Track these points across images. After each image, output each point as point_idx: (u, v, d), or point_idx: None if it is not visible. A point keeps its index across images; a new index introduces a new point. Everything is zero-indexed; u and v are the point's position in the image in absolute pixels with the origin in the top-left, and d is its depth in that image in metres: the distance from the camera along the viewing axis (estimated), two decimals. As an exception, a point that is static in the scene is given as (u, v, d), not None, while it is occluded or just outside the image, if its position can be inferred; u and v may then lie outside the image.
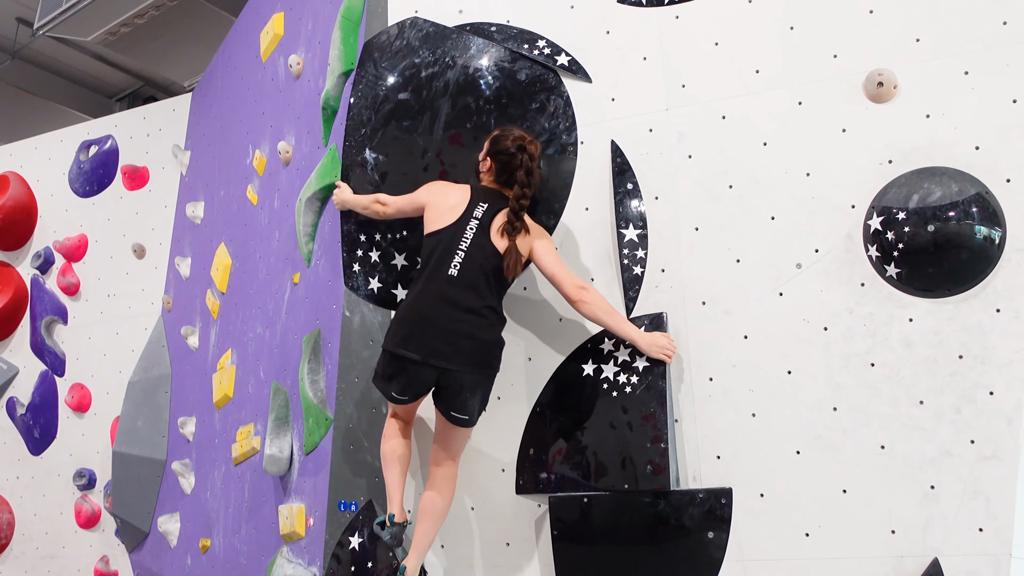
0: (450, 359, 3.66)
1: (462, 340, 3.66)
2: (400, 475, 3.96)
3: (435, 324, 3.67)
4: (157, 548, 6.52)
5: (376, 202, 4.11)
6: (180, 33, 9.50)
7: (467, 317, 3.67)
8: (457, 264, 3.71)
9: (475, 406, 3.78)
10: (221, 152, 6.51)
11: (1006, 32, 3.51)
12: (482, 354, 3.70)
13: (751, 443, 3.67)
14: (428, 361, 3.67)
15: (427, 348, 3.67)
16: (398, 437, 3.98)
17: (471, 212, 3.80)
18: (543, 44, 4.17)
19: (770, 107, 3.80)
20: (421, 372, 3.71)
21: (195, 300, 6.56)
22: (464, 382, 3.70)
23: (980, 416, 3.38)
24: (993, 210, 3.43)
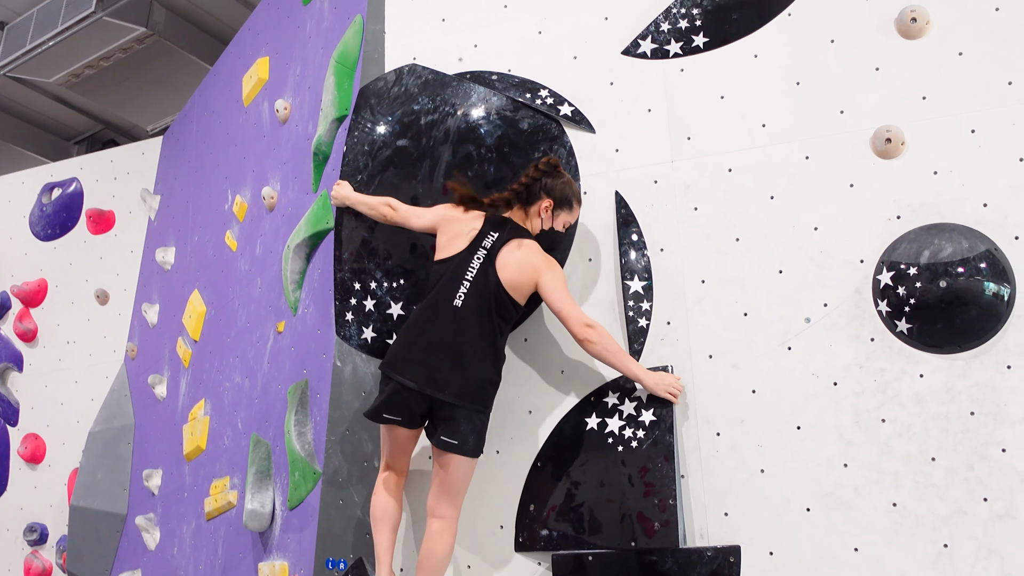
0: (443, 390, 3.55)
1: (458, 373, 3.56)
2: (390, 536, 3.80)
3: (434, 353, 3.59)
4: (114, 607, 6.24)
5: (386, 205, 4.01)
6: (145, 77, 9.39)
7: (466, 350, 3.58)
8: (462, 295, 3.63)
9: (467, 434, 3.59)
10: (195, 197, 6.37)
11: (1012, 92, 3.56)
12: (476, 390, 3.58)
13: (760, 500, 3.60)
14: (423, 390, 3.57)
15: (423, 376, 3.58)
16: (389, 494, 3.82)
17: (480, 241, 3.72)
18: (545, 94, 4.14)
19: (777, 161, 3.80)
20: (413, 398, 3.60)
21: (163, 348, 6.37)
22: (455, 413, 3.58)
23: (993, 474, 3.35)
24: (1002, 267, 3.45)
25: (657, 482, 3.63)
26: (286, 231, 4.89)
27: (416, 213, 3.99)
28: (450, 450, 3.61)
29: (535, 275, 3.67)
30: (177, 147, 6.93)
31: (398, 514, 3.84)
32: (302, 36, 5.21)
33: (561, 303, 3.64)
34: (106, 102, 9.89)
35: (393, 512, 3.82)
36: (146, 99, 9.77)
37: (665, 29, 4.02)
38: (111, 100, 9.88)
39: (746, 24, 3.93)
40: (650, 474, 3.65)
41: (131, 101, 9.89)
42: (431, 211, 3.96)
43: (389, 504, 3.82)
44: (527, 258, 3.69)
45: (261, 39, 5.71)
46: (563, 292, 3.67)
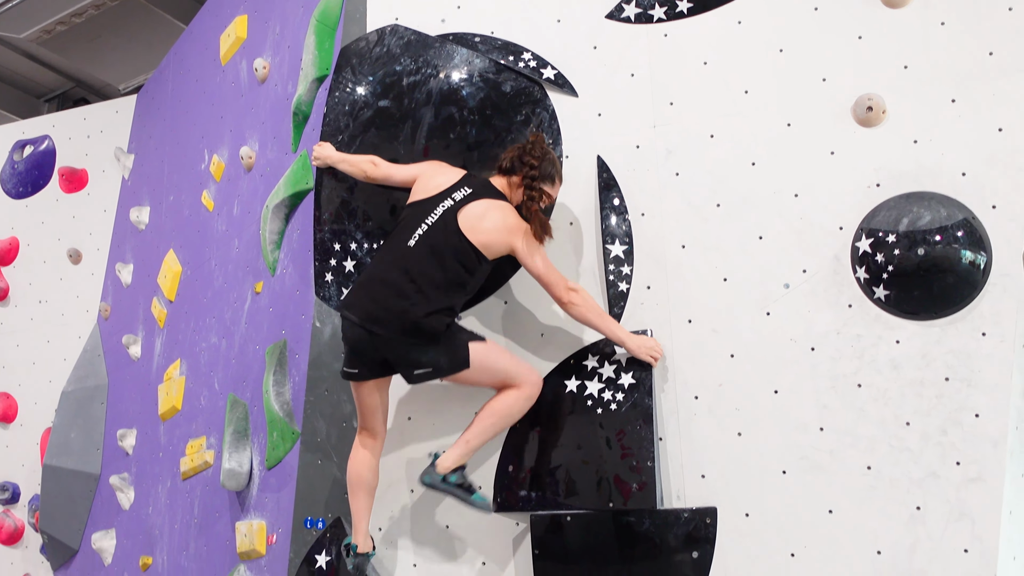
0: (380, 323, 3.55)
1: (396, 312, 3.54)
2: (365, 501, 3.82)
3: (379, 289, 3.60)
4: (88, 566, 6.23)
5: (369, 162, 4.01)
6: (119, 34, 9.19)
7: (410, 289, 3.56)
8: (417, 236, 3.64)
9: (434, 358, 3.58)
10: (171, 156, 6.30)
11: (992, 63, 3.58)
12: (416, 326, 3.54)
13: (736, 462, 3.65)
14: (364, 325, 3.58)
15: (364, 311, 3.60)
16: (365, 459, 3.82)
17: (450, 192, 3.72)
18: (528, 57, 4.12)
19: (759, 128, 3.81)
20: (359, 336, 3.60)
21: (138, 308, 6.32)
22: (408, 350, 3.58)
23: (966, 438, 3.41)
24: (979, 236, 3.49)
25: (635, 444, 3.67)
26: (264, 191, 4.86)
27: (398, 168, 3.99)
28: (432, 378, 3.63)
29: (510, 238, 3.67)
30: (152, 106, 6.84)
31: (374, 479, 3.85)
32: (282, -6, 5.14)
33: (541, 269, 3.65)
34: (78, 59, 9.69)
35: (368, 478, 3.83)
36: (118, 57, 9.57)
37: (650, -7, 4.01)
38: (83, 57, 9.68)
39: (731, -11, 3.93)
40: (628, 437, 3.68)
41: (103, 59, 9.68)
42: (414, 165, 3.97)
43: (364, 469, 3.82)
44: (503, 220, 3.68)
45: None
46: (542, 257, 3.68)
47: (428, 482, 3.65)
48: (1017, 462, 3.45)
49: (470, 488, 3.67)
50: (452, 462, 3.61)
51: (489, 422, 3.62)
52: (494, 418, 3.63)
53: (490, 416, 3.62)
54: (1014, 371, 3.42)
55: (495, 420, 3.63)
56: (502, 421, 3.65)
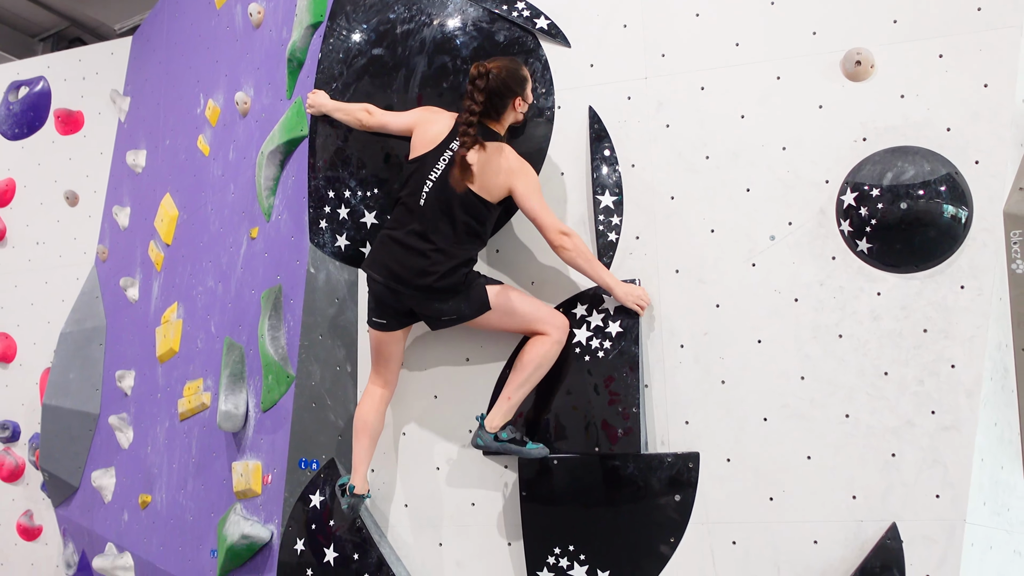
0: (405, 283, 3.72)
1: (416, 272, 3.70)
2: (368, 446, 3.93)
3: (398, 249, 3.74)
4: (88, 503, 6.37)
5: (363, 110, 4.07)
6: (113, -27, 9.14)
7: (427, 248, 3.70)
8: (424, 194, 3.74)
9: (457, 304, 3.73)
10: (166, 100, 6.31)
11: (980, 18, 3.61)
12: (437, 279, 3.69)
13: (720, 409, 3.75)
14: (388, 284, 3.74)
15: (387, 271, 3.74)
16: (374, 405, 3.93)
17: (448, 143, 3.79)
18: (522, 6, 4.14)
19: (749, 80, 3.85)
20: (384, 293, 3.77)
21: (135, 251, 6.38)
22: (431, 299, 3.73)
23: (941, 388, 3.51)
24: (962, 190, 3.55)
25: (621, 391, 3.77)
26: (260, 137, 4.89)
27: (394, 116, 4.05)
28: (458, 323, 3.77)
29: (509, 179, 3.73)
30: (147, 48, 6.82)
31: (380, 426, 3.96)
32: (276, -62, 5.12)
33: (536, 210, 3.72)
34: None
35: (375, 423, 3.93)
36: (113, -4, 9.53)
37: (644, -57, 4.01)
38: (77, -4, 9.63)
39: (724, -59, 3.93)
40: (615, 383, 3.78)
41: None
42: (409, 113, 4.02)
43: (370, 416, 3.93)
44: (501, 162, 3.73)
45: (234, -61, 5.61)
46: (538, 198, 3.74)
47: (481, 444, 3.76)
48: (990, 412, 3.55)
49: (523, 440, 3.77)
50: (499, 420, 3.73)
51: (524, 374, 3.72)
52: (528, 369, 3.72)
53: (524, 368, 3.72)
54: (990, 323, 3.51)
55: (530, 371, 3.72)
56: (537, 371, 3.74)
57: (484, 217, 3.77)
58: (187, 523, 5.04)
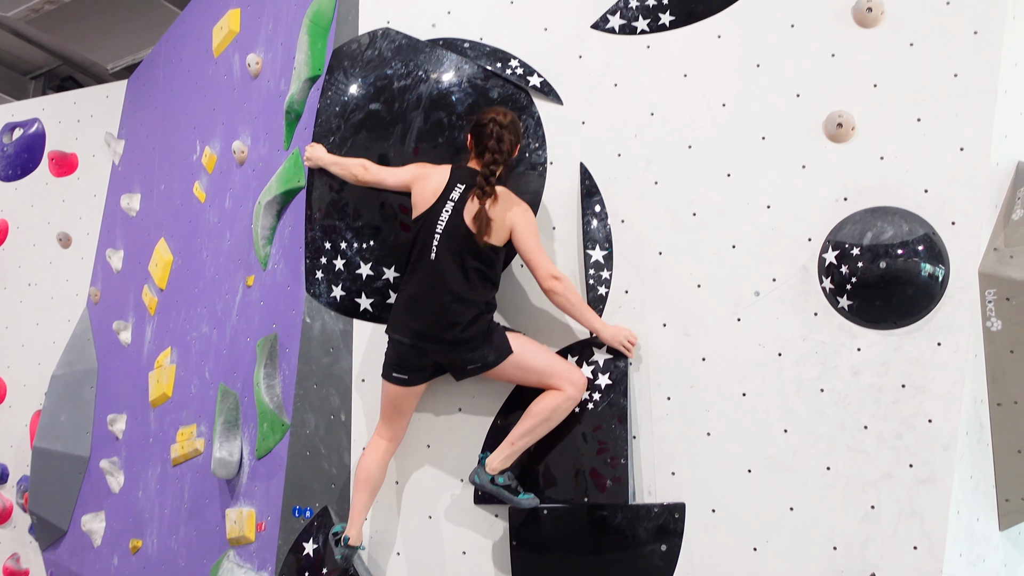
0: (432, 340, 3.81)
1: (443, 326, 3.79)
2: (369, 498, 3.99)
3: (419, 308, 3.83)
4: (77, 547, 6.38)
5: (360, 165, 4.18)
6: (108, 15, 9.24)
7: (445, 299, 3.79)
8: (435, 248, 3.83)
9: (483, 353, 3.81)
10: (162, 144, 6.41)
11: (956, 84, 3.76)
12: (462, 331, 3.78)
13: (705, 461, 3.84)
14: (416, 344, 3.82)
15: (413, 331, 3.83)
16: (377, 458, 3.98)
17: (448, 194, 3.89)
18: (515, 64, 4.27)
19: (735, 140, 3.98)
20: (412, 353, 3.85)
21: (128, 294, 6.44)
22: (458, 352, 3.82)
23: (919, 442, 3.62)
24: (939, 250, 3.68)
25: (610, 442, 3.86)
26: (256, 186, 4.99)
27: (389, 172, 4.15)
28: (483, 372, 3.85)
29: (511, 219, 3.84)
30: (143, 92, 6.93)
31: (381, 478, 4.01)
32: (275, -9, 5.25)
33: (533, 250, 3.84)
34: (65, 38, 9.72)
35: (376, 477, 3.98)
36: (107, 37, 9.61)
37: (633, 6, 4.15)
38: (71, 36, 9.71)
39: (711, 5, 4.08)
40: (604, 434, 3.87)
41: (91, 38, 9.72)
42: (404, 169, 4.13)
43: (373, 468, 3.97)
44: (504, 204, 3.84)
45: (232, -10, 5.74)
46: (535, 240, 3.86)
47: (477, 481, 3.84)
48: (966, 465, 3.66)
49: (516, 489, 3.84)
50: (500, 463, 3.81)
51: (532, 423, 3.79)
52: (538, 419, 3.79)
53: (534, 418, 3.80)
54: (966, 379, 3.63)
55: (538, 421, 3.79)
56: (546, 423, 3.81)
57: (493, 261, 3.87)
58: (179, 568, 5.08)
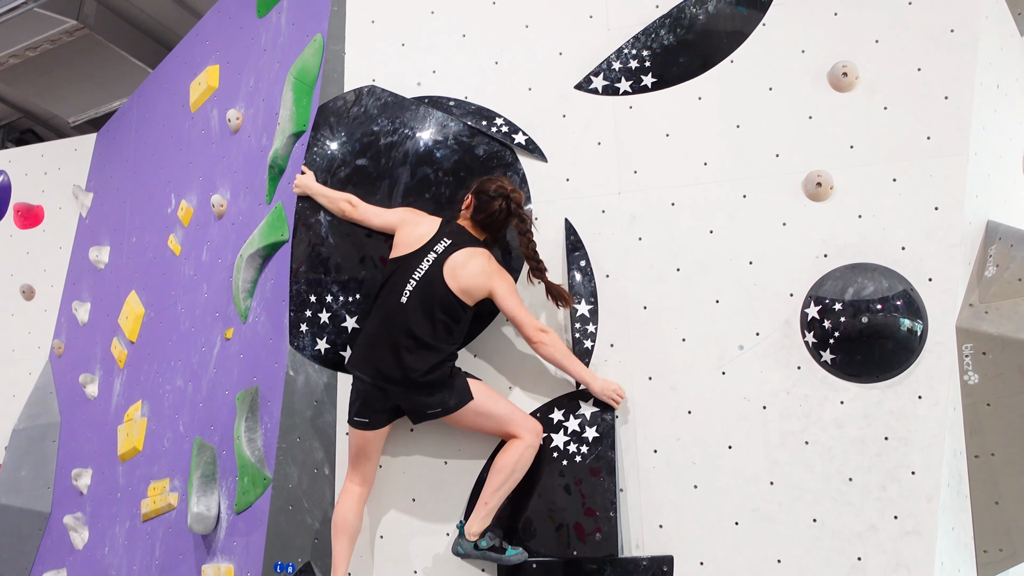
0: (393, 381, 3.84)
1: (404, 368, 3.83)
2: (348, 546, 3.97)
3: (382, 347, 3.87)
4: (35, 606, 6.21)
5: (347, 201, 4.23)
6: (72, 69, 9.21)
7: (409, 343, 3.84)
8: (408, 292, 3.88)
9: (442, 398, 3.85)
10: (133, 198, 6.38)
11: (930, 146, 3.91)
12: (421, 376, 3.83)
13: (692, 513, 3.88)
14: (376, 383, 3.86)
15: (375, 370, 3.87)
16: (352, 504, 3.98)
17: (432, 245, 3.95)
18: (500, 122, 4.35)
19: (717, 197, 4.08)
20: (373, 391, 3.88)
21: (95, 347, 6.36)
22: (416, 395, 3.86)
23: (903, 494, 3.69)
24: (917, 306, 3.80)
25: (598, 495, 3.88)
26: (236, 240, 4.99)
27: (376, 212, 4.22)
28: (441, 416, 3.87)
29: (489, 282, 3.91)
30: (113, 146, 6.91)
31: (357, 525, 4.00)
32: (256, 48, 5.30)
33: (516, 309, 3.90)
34: (29, 92, 9.67)
35: (353, 523, 3.97)
36: (70, 91, 9.58)
37: (616, 68, 4.27)
38: (34, 90, 9.66)
39: (691, 68, 4.21)
40: (592, 487, 3.89)
41: (54, 92, 9.68)
42: (393, 212, 4.19)
43: (350, 515, 3.97)
44: (482, 266, 3.92)
45: (211, 47, 5.77)
46: (516, 299, 3.94)
47: (462, 552, 3.82)
48: (948, 517, 3.74)
49: (502, 547, 3.85)
50: (478, 526, 3.81)
51: (500, 478, 3.82)
52: (503, 473, 3.82)
53: (499, 472, 3.82)
54: (946, 432, 3.72)
55: (505, 475, 3.82)
56: (512, 475, 3.84)
57: (459, 317, 3.93)
58: (148, 627, 4.96)
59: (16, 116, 10.91)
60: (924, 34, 3.98)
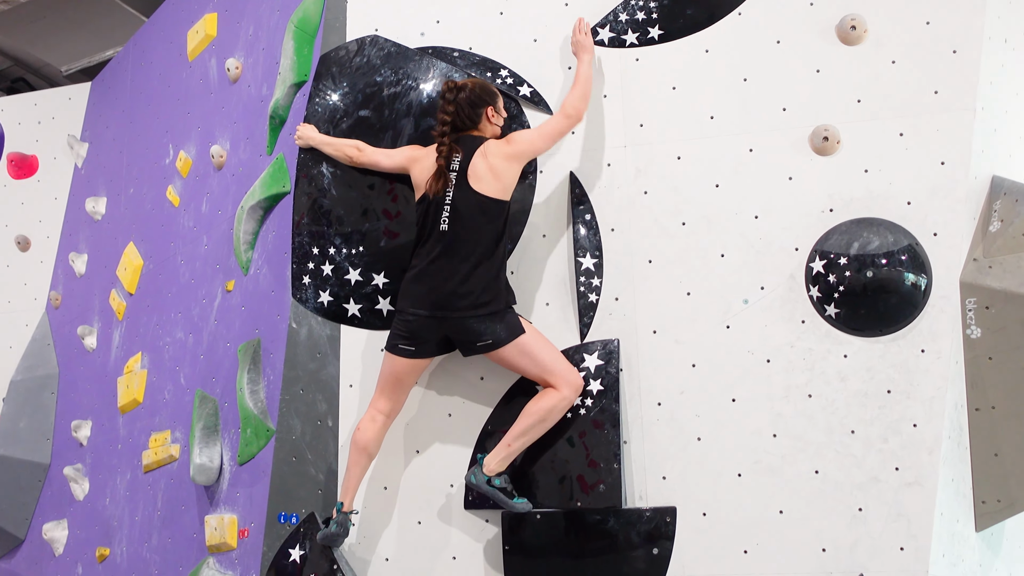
0: (449, 308, 3.82)
1: (459, 288, 3.81)
2: (363, 467, 4.01)
3: (435, 279, 3.85)
4: (36, 556, 6.25)
5: (353, 147, 4.21)
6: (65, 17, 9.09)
7: (461, 267, 3.82)
8: (446, 219, 3.87)
9: (494, 329, 3.82)
10: (130, 148, 6.32)
11: (937, 101, 3.90)
12: (478, 296, 3.82)
13: (695, 465, 3.91)
14: (434, 313, 3.84)
15: (429, 301, 3.85)
16: (375, 431, 3.98)
17: (448, 166, 3.92)
18: (505, 74, 4.31)
19: (723, 151, 4.07)
20: (426, 324, 3.86)
21: (93, 299, 6.34)
22: (470, 324, 3.83)
23: (905, 446, 3.73)
24: (921, 260, 3.81)
25: (602, 447, 3.91)
26: (236, 191, 4.95)
27: (386, 153, 4.18)
28: (491, 349, 3.85)
29: (511, 161, 3.92)
30: (108, 95, 6.83)
31: (376, 449, 4.03)
32: (255, -4, 5.23)
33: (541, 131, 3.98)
34: (19, 39, 9.54)
35: (373, 448, 4.00)
36: (62, 39, 9.45)
37: (623, 19, 4.22)
38: (25, 37, 9.53)
39: (699, 20, 4.17)
40: (595, 439, 3.92)
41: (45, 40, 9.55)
42: (399, 151, 4.16)
43: (371, 441, 3.99)
44: (498, 156, 3.90)
45: (208, -6, 5.69)
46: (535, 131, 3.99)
47: (474, 481, 3.84)
48: (948, 469, 3.78)
49: (512, 493, 3.86)
50: (497, 465, 3.83)
51: (527, 424, 3.82)
52: (533, 419, 3.82)
53: (530, 417, 3.82)
54: (949, 385, 3.76)
55: (534, 421, 3.82)
56: (541, 423, 3.84)
57: (501, 214, 3.91)
58: (152, 576, 5.00)
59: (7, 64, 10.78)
60: (934, -13, 3.95)
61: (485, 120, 4.01)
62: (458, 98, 3.95)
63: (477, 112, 3.98)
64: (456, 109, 3.94)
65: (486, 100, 4.00)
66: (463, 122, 3.97)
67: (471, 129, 3.99)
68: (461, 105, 3.95)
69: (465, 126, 3.98)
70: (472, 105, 3.97)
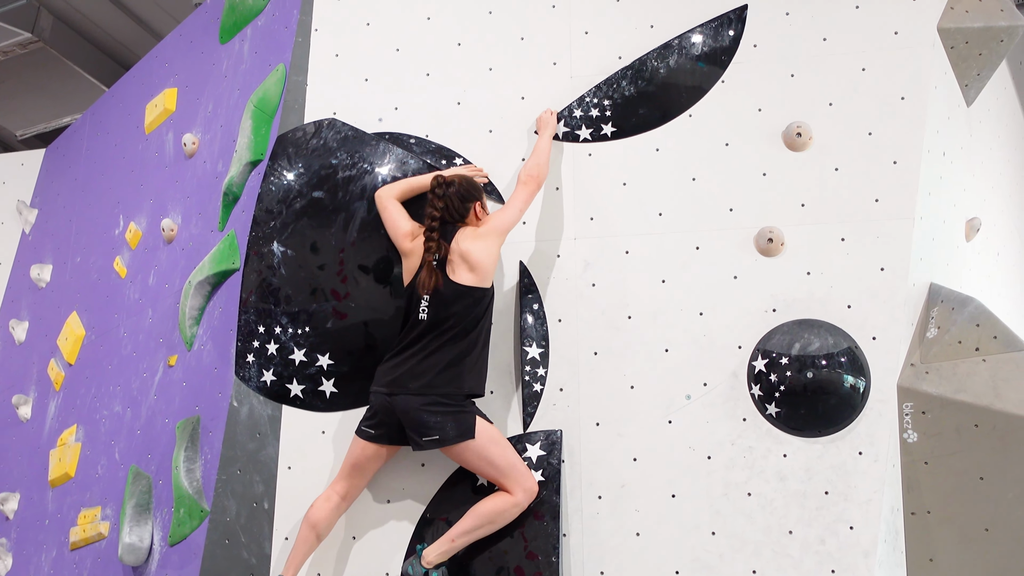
0: (405, 388, 3.81)
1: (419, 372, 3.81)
2: (309, 547, 3.93)
3: (404, 362, 3.84)
4: (-49, 634, 5.98)
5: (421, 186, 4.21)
6: (24, 82, 9.09)
7: (431, 355, 3.82)
8: (424, 308, 3.87)
9: (441, 424, 3.78)
10: (81, 217, 6.27)
11: (878, 208, 4.02)
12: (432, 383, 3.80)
13: (634, 561, 3.89)
14: (391, 391, 3.83)
15: (390, 382, 3.85)
16: (329, 510, 3.92)
17: (435, 260, 3.93)
18: (460, 162, 4.37)
19: (670, 248, 4.14)
20: (385, 404, 3.84)
21: (31, 367, 6.21)
22: (421, 416, 3.78)
23: (841, 548, 3.75)
24: (861, 363, 3.88)
25: (540, 539, 3.87)
26: (185, 265, 4.92)
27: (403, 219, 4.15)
28: (437, 446, 3.81)
29: (485, 239, 3.93)
30: (62, 163, 6.79)
31: (327, 531, 3.96)
32: (216, 74, 5.27)
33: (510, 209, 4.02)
34: (-24, 100, 9.52)
35: (324, 526, 3.93)
36: (20, 103, 9.45)
37: (577, 115, 4.32)
38: (-19, 99, 9.51)
39: (651, 119, 4.28)
40: (535, 531, 3.88)
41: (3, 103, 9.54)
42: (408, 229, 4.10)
43: (324, 518, 3.92)
44: (474, 242, 3.92)
45: (170, 69, 5.73)
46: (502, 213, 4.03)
47: (411, 572, 3.79)
48: (885, 572, 3.79)
49: None
50: (436, 558, 3.78)
51: (475, 523, 3.79)
52: (482, 520, 3.79)
53: (478, 518, 3.79)
54: (885, 488, 3.80)
55: (482, 523, 3.79)
56: (489, 525, 3.81)
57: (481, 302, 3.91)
58: (71, 660, 4.81)
59: (-39, 127, 10.71)
60: (876, 100, 4.10)
61: (473, 214, 4.04)
62: (448, 192, 3.98)
63: (467, 206, 4.02)
64: (446, 204, 3.98)
65: (475, 195, 4.05)
66: (451, 216, 4.00)
67: (459, 222, 4.02)
68: (451, 199, 3.98)
69: (453, 219, 4.01)
70: (462, 199, 4.01)
